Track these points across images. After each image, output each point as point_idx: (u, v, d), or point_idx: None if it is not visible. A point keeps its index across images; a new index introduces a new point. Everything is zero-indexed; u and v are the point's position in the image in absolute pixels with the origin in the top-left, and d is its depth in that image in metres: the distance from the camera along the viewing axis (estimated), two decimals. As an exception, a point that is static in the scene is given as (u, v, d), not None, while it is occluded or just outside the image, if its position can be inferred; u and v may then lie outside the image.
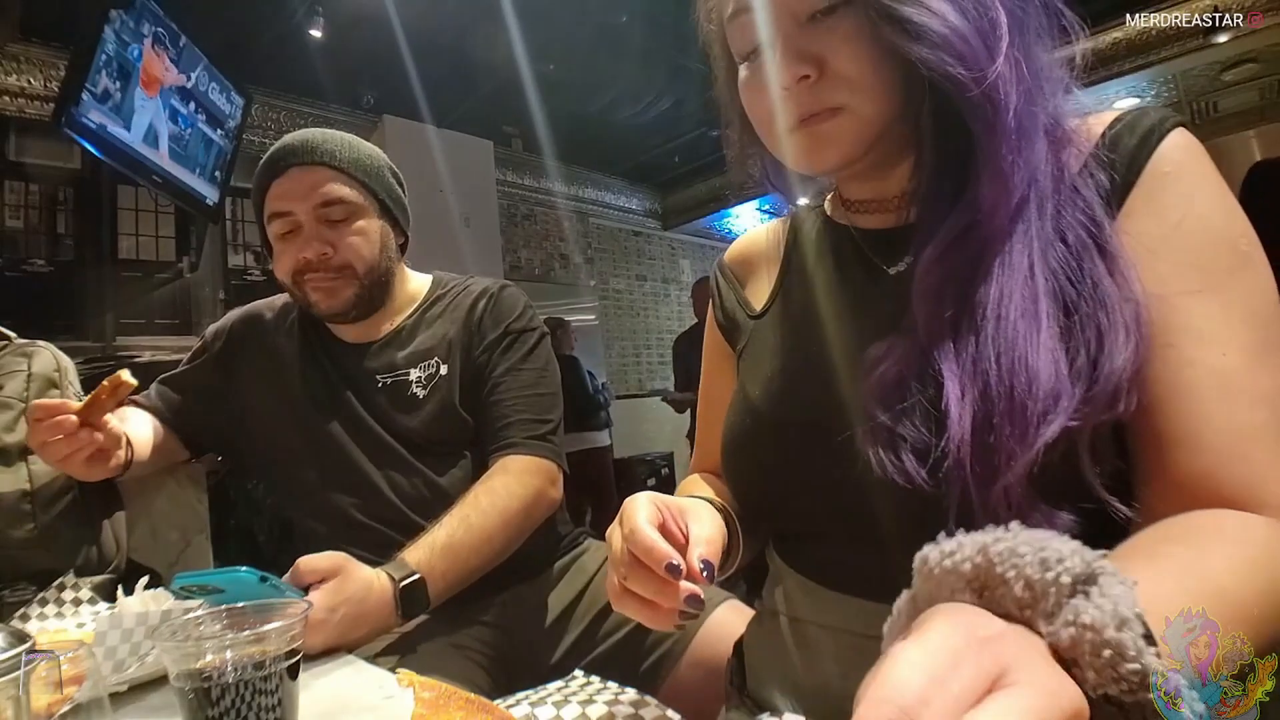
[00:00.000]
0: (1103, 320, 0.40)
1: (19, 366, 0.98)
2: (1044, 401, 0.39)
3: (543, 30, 2.91)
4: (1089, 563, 0.26)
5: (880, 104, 0.47)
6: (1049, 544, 0.27)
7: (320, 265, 0.90)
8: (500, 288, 1.02)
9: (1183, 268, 0.42)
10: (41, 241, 2.58)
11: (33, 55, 2.61)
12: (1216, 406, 0.39)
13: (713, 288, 0.70)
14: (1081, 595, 0.25)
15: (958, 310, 0.44)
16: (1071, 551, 0.26)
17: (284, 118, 3.39)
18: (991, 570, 0.27)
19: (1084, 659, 0.24)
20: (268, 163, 0.92)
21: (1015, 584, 0.26)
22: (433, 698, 0.42)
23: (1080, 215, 0.43)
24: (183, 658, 0.41)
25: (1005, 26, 0.43)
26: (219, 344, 1.02)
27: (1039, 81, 0.46)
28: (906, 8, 0.43)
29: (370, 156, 0.95)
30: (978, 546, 0.28)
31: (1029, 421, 0.39)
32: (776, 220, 0.68)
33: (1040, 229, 0.43)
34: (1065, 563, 0.26)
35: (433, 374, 0.95)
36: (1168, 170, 0.43)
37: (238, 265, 3.14)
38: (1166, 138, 0.44)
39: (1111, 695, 0.24)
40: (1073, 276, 0.42)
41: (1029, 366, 0.39)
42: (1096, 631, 0.24)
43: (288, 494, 0.98)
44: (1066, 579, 0.25)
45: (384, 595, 0.70)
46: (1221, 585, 0.32)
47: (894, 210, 0.54)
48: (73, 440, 0.76)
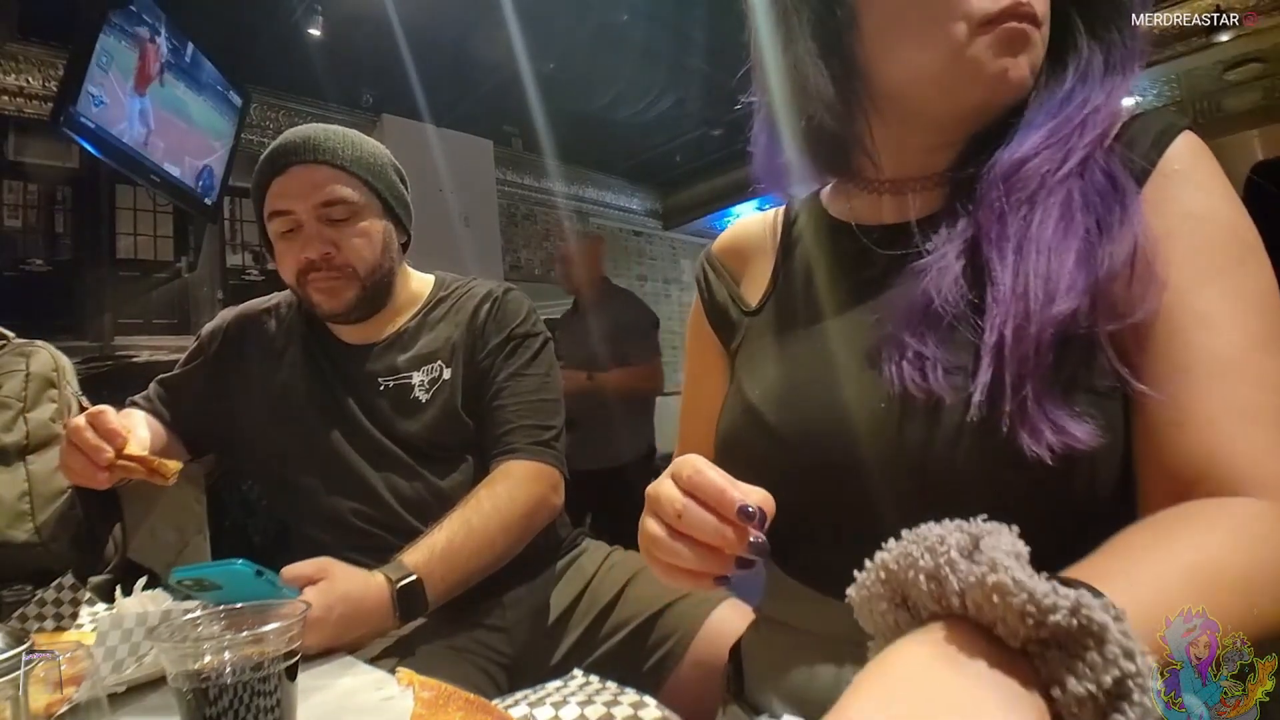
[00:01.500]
0: (1125, 247, 0.42)
1: (17, 366, 0.98)
2: (1064, 299, 0.41)
3: (543, 30, 2.91)
4: (970, 534, 0.27)
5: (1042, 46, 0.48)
6: (931, 533, 0.28)
7: (323, 265, 0.89)
8: (504, 291, 1.02)
9: (1191, 255, 0.43)
10: (39, 241, 2.58)
11: (31, 55, 2.61)
12: (1219, 386, 0.40)
13: (700, 281, 0.67)
14: (970, 563, 0.26)
15: (1002, 231, 0.45)
16: (954, 529, 0.28)
17: (283, 117, 3.39)
18: (898, 578, 0.28)
19: (993, 616, 0.25)
20: (268, 159, 0.91)
21: (920, 581, 0.27)
22: (432, 697, 0.42)
23: (1108, 176, 0.45)
24: (181, 658, 0.40)
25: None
26: (215, 344, 1.01)
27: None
28: None
29: (374, 154, 0.94)
30: (878, 565, 0.29)
31: (1052, 318, 0.41)
32: (766, 211, 0.67)
33: (1080, 170, 0.45)
34: (948, 541, 0.27)
35: (436, 378, 0.95)
36: (1177, 168, 0.45)
37: (236, 265, 3.14)
38: (1176, 139, 0.46)
39: (1034, 639, 0.24)
40: (1104, 211, 0.44)
41: (1065, 273, 0.41)
42: (983, 585, 0.25)
43: (286, 497, 0.97)
44: (955, 554, 0.26)
45: (381, 596, 0.70)
46: (1195, 563, 0.32)
47: (914, 193, 0.53)
48: (93, 473, 0.76)
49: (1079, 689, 0.23)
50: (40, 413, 0.97)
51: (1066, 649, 0.24)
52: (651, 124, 3.90)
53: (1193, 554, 0.33)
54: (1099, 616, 0.23)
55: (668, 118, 3.80)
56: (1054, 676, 0.24)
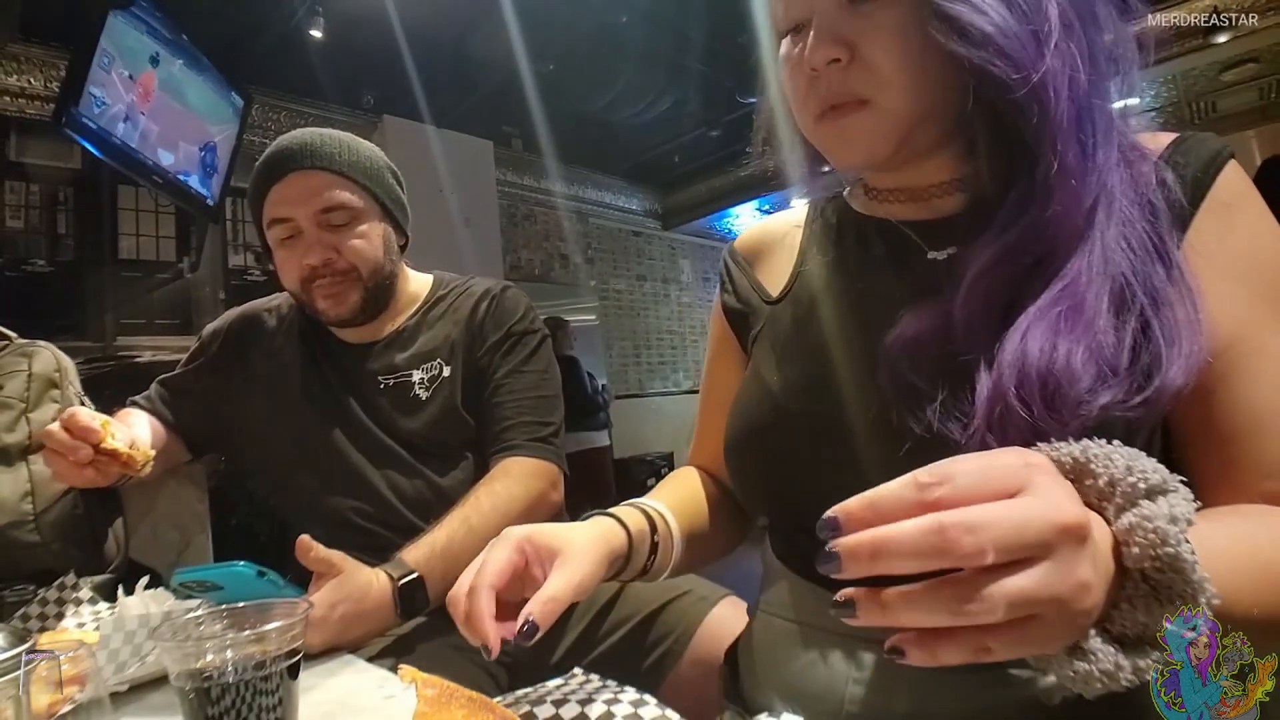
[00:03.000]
0: (1160, 325, 0.40)
1: (19, 366, 0.98)
2: (1075, 394, 0.39)
3: (543, 30, 2.91)
4: (1166, 479, 0.31)
5: (909, 100, 0.46)
6: (1140, 459, 0.32)
7: (325, 271, 0.89)
8: (502, 289, 1.02)
9: (1255, 297, 0.42)
10: (42, 242, 2.58)
11: (33, 55, 2.61)
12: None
13: (723, 274, 0.68)
14: (1149, 500, 0.30)
15: (1007, 294, 0.44)
16: (1154, 469, 0.31)
17: (284, 118, 3.39)
18: (1087, 466, 0.32)
19: (1134, 539, 0.29)
20: (265, 166, 0.90)
21: (1101, 478, 0.31)
22: (435, 695, 0.42)
23: (1146, 224, 0.44)
24: (183, 658, 0.41)
25: (1056, 22, 0.43)
26: (216, 345, 1.01)
27: (1106, 79, 0.46)
28: (956, 5, 0.43)
29: (370, 158, 0.94)
30: (1082, 445, 0.33)
31: (1057, 411, 0.39)
32: (787, 212, 0.67)
33: (1106, 230, 0.43)
34: (1147, 474, 0.31)
35: (435, 375, 0.95)
36: (1229, 200, 0.44)
37: (238, 265, 3.14)
38: (1226, 166, 0.45)
39: (1147, 572, 0.29)
40: (1135, 280, 0.42)
41: (1068, 358, 0.39)
42: (1149, 520, 0.29)
43: (287, 496, 0.98)
44: (1142, 485, 0.30)
45: (383, 594, 0.70)
46: (1259, 548, 0.35)
47: (926, 200, 0.53)
48: (73, 467, 0.75)
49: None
50: (43, 413, 0.97)
51: (1157, 593, 0.29)
52: (651, 124, 3.91)
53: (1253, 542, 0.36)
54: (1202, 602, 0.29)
55: (667, 118, 3.81)
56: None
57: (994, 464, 0.29)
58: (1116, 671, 0.29)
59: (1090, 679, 0.29)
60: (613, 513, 0.54)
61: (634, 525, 0.54)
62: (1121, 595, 0.30)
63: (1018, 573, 0.27)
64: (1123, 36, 0.46)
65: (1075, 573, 0.27)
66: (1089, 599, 0.28)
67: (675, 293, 5.58)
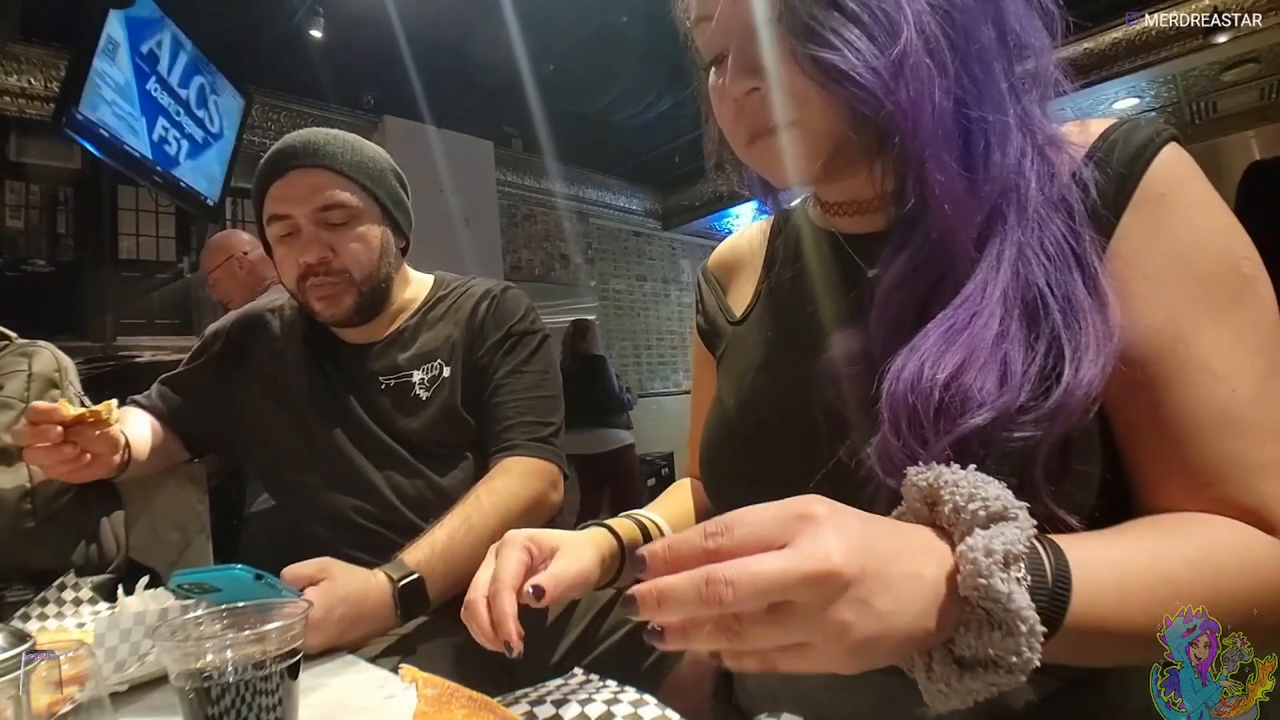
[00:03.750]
0: (1069, 334, 0.39)
1: (19, 366, 0.98)
2: (961, 407, 0.38)
3: (543, 30, 2.91)
4: (1008, 507, 0.32)
5: (829, 118, 0.45)
6: (986, 486, 0.33)
7: (320, 270, 0.90)
8: (503, 289, 1.02)
9: (1188, 298, 0.41)
10: (42, 242, 2.58)
11: (33, 55, 2.61)
12: (1227, 443, 0.39)
13: (696, 292, 0.70)
14: (983, 529, 0.32)
15: (914, 314, 0.44)
16: (997, 496, 0.33)
17: (284, 118, 3.39)
18: (938, 493, 0.34)
19: (962, 568, 0.31)
20: (268, 163, 0.91)
21: (946, 505, 0.33)
22: (436, 694, 0.42)
23: (1061, 226, 0.42)
24: (183, 657, 0.41)
25: (914, 41, 0.41)
26: (218, 345, 1.01)
27: (998, 85, 0.44)
28: (812, 45, 0.42)
29: (373, 159, 0.95)
30: (936, 472, 0.35)
31: (938, 427, 0.38)
32: (759, 222, 0.67)
33: (1014, 238, 0.42)
34: (988, 502, 0.32)
35: (436, 376, 0.95)
36: (1163, 192, 0.42)
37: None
38: (1159, 154, 0.42)
39: (973, 600, 0.31)
40: (1046, 287, 0.41)
41: (950, 379, 0.39)
42: (971, 550, 0.31)
43: (288, 495, 0.98)
44: (982, 513, 0.32)
45: (382, 595, 0.70)
46: (1164, 561, 0.36)
47: (874, 212, 0.52)
48: (54, 451, 0.75)
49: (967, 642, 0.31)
50: (42, 413, 0.97)
51: (982, 618, 0.31)
52: (651, 125, 3.91)
53: (1197, 538, 0.37)
54: (1018, 627, 0.30)
55: (667, 118, 3.81)
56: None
57: (767, 516, 0.31)
58: (951, 691, 0.31)
59: (934, 696, 0.32)
60: (606, 523, 0.56)
61: (626, 534, 0.56)
62: (961, 619, 0.31)
63: (775, 616, 0.29)
64: (1028, 30, 0.45)
65: (827, 616, 0.29)
66: (850, 636, 0.29)
67: (675, 293, 5.58)
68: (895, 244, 0.46)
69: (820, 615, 0.29)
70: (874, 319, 0.45)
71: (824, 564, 0.29)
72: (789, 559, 0.29)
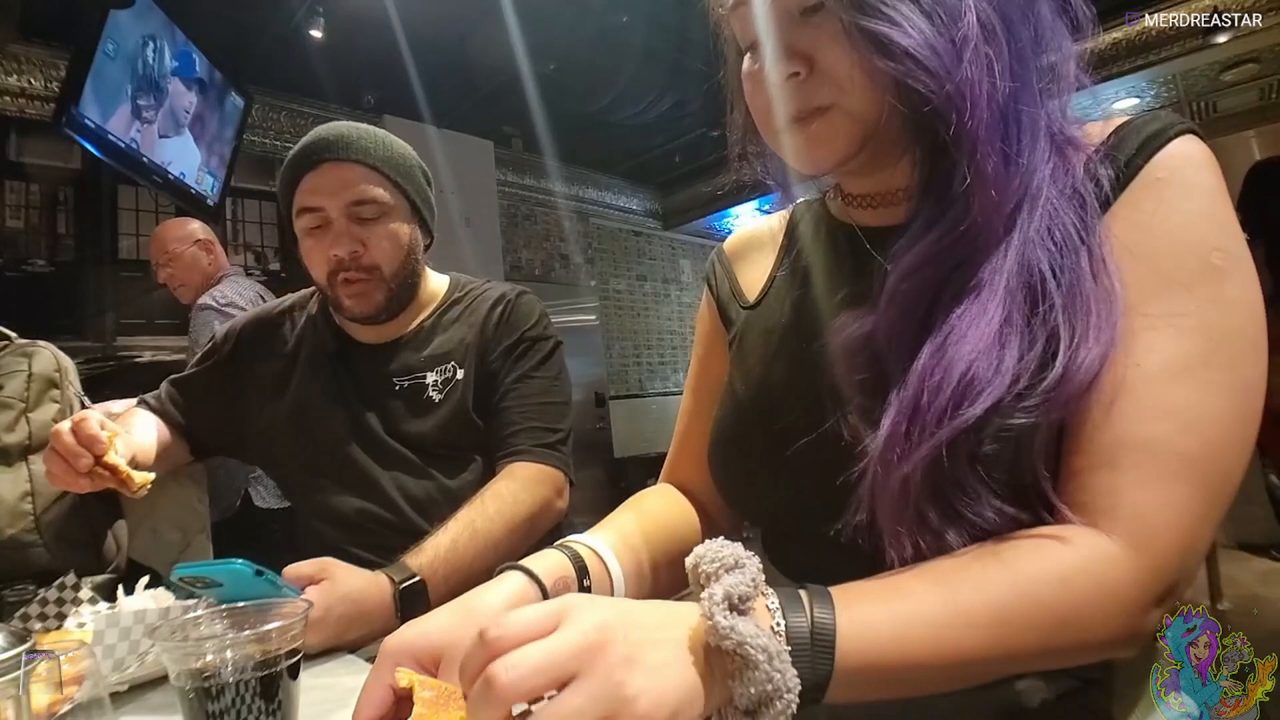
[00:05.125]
0: (1071, 321, 0.40)
1: (19, 366, 0.98)
2: (959, 395, 0.39)
3: (543, 30, 2.91)
4: (738, 559, 0.35)
5: (870, 102, 0.46)
6: (724, 548, 0.36)
7: (351, 264, 0.90)
8: (517, 294, 1.02)
9: (1141, 274, 0.41)
10: (42, 242, 2.58)
11: (33, 55, 2.61)
12: (1111, 413, 0.39)
13: (709, 274, 0.69)
14: (716, 579, 0.34)
15: (924, 303, 0.44)
16: (730, 553, 0.35)
17: (284, 118, 3.39)
18: (696, 569, 0.36)
19: (704, 622, 0.32)
20: (300, 155, 0.90)
21: (700, 576, 0.36)
22: (433, 697, 0.42)
23: (1073, 216, 0.43)
24: (183, 657, 0.41)
25: (974, 28, 0.42)
26: (229, 346, 1.01)
27: (1033, 82, 0.45)
28: (871, 19, 0.43)
29: (403, 156, 0.95)
30: (695, 553, 0.37)
31: (941, 414, 0.39)
32: (777, 213, 0.68)
33: (1027, 231, 0.43)
34: (722, 558, 0.35)
35: (449, 378, 0.95)
36: (1160, 176, 0.42)
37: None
38: (1170, 144, 0.43)
39: (724, 649, 0.32)
40: (1050, 274, 0.41)
41: (959, 361, 0.39)
42: (709, 601, 0.33)
43: (294, 495, 0.98)
44: (715, 569, 0.35)
45: (383, 596, 0.70)
46: (960, 597, 0.36)
47: (896, 204, 0.53)
48: (70, 472, 0.75)
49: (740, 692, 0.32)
50: (43, 413, 0.97)
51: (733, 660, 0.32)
52: (651, 125, 3.90)
53: (969, 588, 0.36)
54: (754, 655, 0.31)
55: (667, 118, 3.80)
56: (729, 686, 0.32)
57: (532, 612, 0.32)
58: None
59: None
60: (526, 566, 0.50)
61: (551, 578, 0.50)
62: (728, 670, 0.32)
63: (566, 695, 0.29)
64: (1056, 31, 0.46)
65: (606, 677, 0.30)
66: (628, 690, 0.30)
67: (675, 293, 5.58)
68: (913, 235, 0.46)
69: (601, 679, 0.29)
70: (882, 308, 0.46)
71: (591, 633, 0.31)
72: (558, 636, 0.31)
